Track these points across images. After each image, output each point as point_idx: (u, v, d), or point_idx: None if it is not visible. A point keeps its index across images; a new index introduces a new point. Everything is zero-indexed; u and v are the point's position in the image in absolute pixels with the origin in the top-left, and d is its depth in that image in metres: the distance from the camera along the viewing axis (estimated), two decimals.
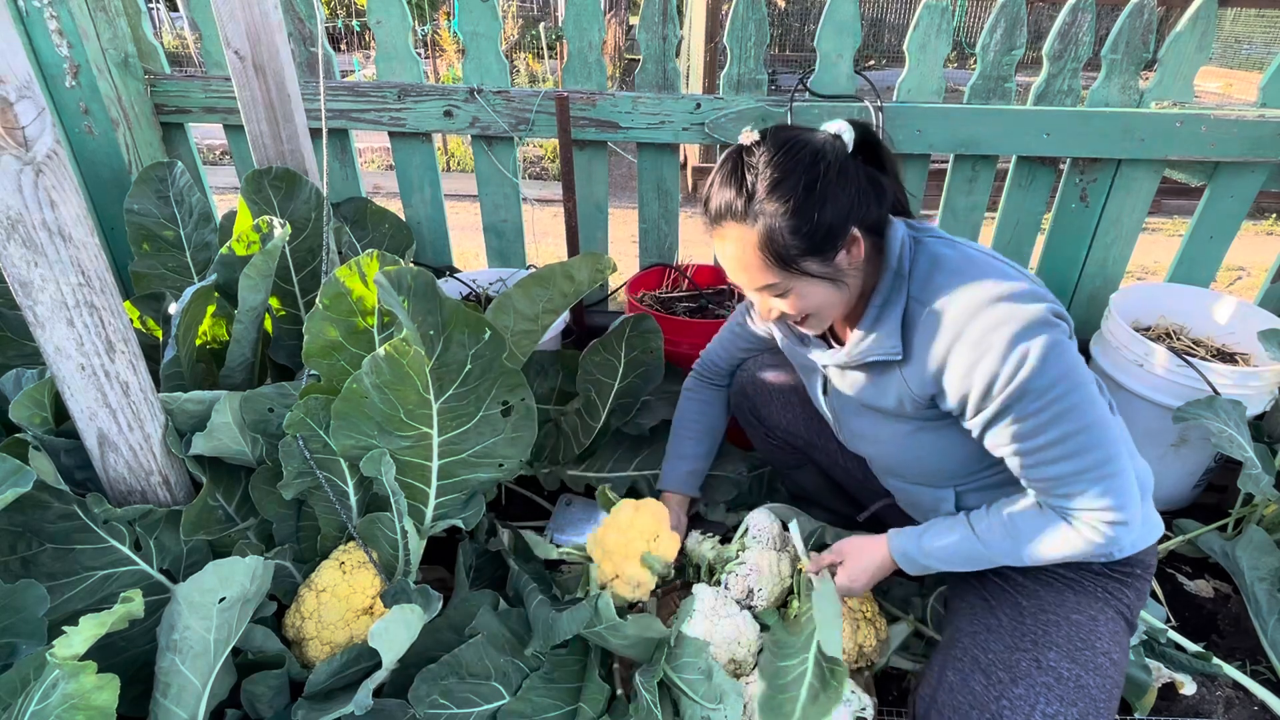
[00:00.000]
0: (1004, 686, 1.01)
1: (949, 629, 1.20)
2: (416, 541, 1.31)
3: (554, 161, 6.16)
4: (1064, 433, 0.95)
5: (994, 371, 0.94)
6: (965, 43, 10.73)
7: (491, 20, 1.88)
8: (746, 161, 0.99)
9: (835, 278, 1.03)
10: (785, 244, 0.97)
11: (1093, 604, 1.10)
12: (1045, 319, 0.93)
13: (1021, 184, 2.00)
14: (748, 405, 1.58)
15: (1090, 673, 1.02)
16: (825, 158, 0.97)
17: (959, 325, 0.97)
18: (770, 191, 0.96)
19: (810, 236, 0.97)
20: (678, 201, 2.11)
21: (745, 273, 1.03)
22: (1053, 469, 0.99)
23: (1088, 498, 0.98)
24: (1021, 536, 1.06)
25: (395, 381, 1.17)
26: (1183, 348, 1.85)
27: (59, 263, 1.02)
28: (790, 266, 0.99)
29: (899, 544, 1.20)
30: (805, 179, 0.95)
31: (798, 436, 1.53)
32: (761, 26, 1.87)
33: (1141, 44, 1.81)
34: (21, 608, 1.00)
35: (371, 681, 1.06)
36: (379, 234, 2.04)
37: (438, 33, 7.55)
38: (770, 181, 0.96)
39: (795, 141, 0.98)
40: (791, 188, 0.95)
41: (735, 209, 0.99)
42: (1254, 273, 4.01)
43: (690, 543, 1.52)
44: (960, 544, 1.12)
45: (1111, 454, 0.97)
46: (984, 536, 1.10)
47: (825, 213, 0.96)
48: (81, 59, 1.79)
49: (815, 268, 1.00)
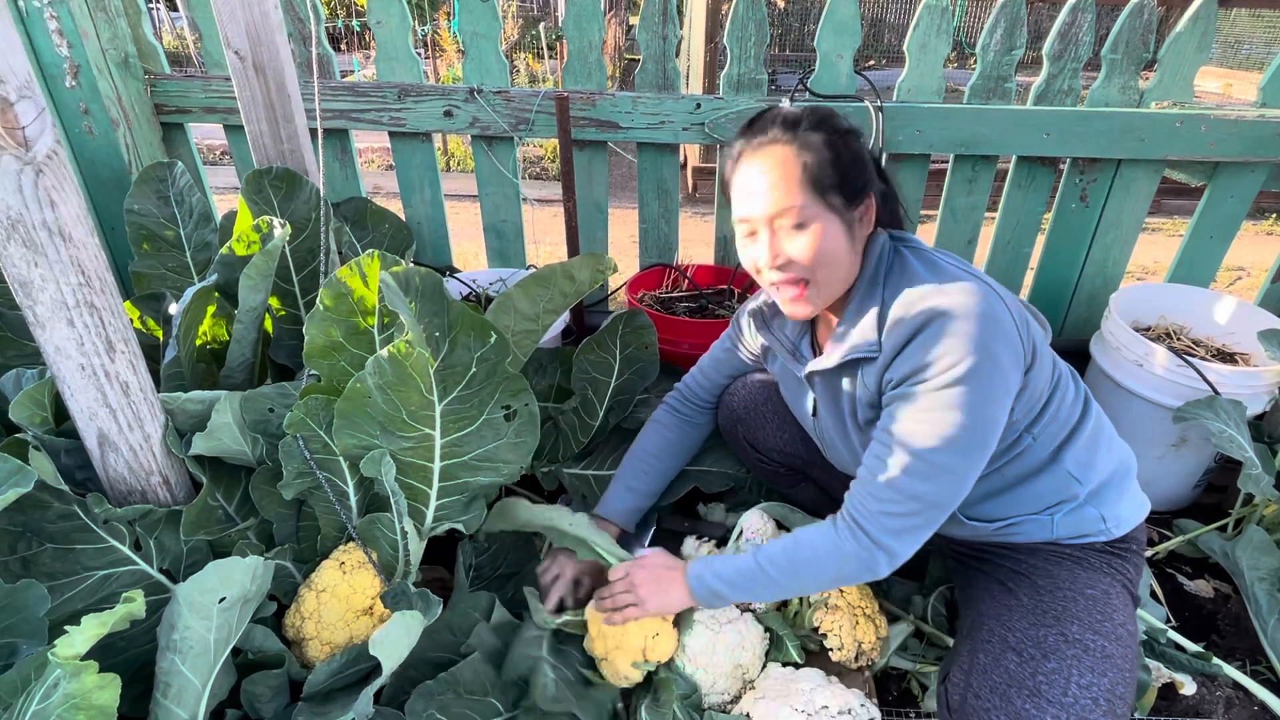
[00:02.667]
0: (1036, 663, 1.03)
1: (969, 615, 1.20)
2: (416, 542, 1.31)
3: (554, 161, 6.16)
4: (911, 451, 0.99)
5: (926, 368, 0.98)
6: (965, 43, 10.73)
7: (491, 20, 1.88)
8: (789, 111, 1.07)
9: (850, 228, 1.06)
10: (821, 170, 1.02)
11: (1102, 578, 1.12)
12: (987, 314, 0.96)
13: (1021, 184, 2.00)
14: (741, 430, 1.52)
15: (1113, 642, 1.04)
16: (855, 132, 1.07)
17: (914, 332, 1.00)
18: (815, 127, 1.04)
19: (844, 173, 1.03)
20: (678, 201, 2.11)
21: (775, 189, 1.03)
22: (893, 461, 1.01)
23: (892, 515, 1.02)
24: (799, 549, 1.10)
25: (399, 382, 1.17)
26: (1183, 348, 1.85)
27: (59, 263, 1.02)
28: (819, 192, 1.03)
29: (693, 566, 1.20)
30: (844, 130, 1.06)
31: (795, 457, 1.50)
32: (761, 26, 1.87)
33: (1141, 44, 1.81)
34: (22, 608, 0.99)
35: (371, 688, 1.06)
36: (379, 234, 2.04)
37: (438, 33, 7.55)
38: (816, 120, 1.05)
39: (833, 111, 1.09)
40: (833, 130, 1.04)
41: (779, 132, 1.05)
42: (1254, 273, 4.01)
43: (687, 550, 1.52)
44: (744, 563, 1.15)
45: (945, 502, 1.01)
46: (766, 556, 1.13)
47: (856, 163, 1.04)
48: (81, 59, 1.79)
49: (839, 204, 1.04)
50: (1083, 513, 1.14)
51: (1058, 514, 1.14)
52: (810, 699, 1.15)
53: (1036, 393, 1.07)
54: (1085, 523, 1.14)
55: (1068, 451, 1.12)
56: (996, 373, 0.96)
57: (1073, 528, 1.14)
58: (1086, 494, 1.13)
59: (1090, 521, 1.14)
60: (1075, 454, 1.12)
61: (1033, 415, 1.09)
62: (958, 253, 2.11)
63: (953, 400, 0.96)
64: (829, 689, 1.17)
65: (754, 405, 1.49)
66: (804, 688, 1.18)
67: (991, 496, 1.16)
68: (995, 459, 1.11)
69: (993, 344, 0.95)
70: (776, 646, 1.31)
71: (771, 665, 1.29)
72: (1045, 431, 1.10)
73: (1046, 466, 1.12)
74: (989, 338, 0.95)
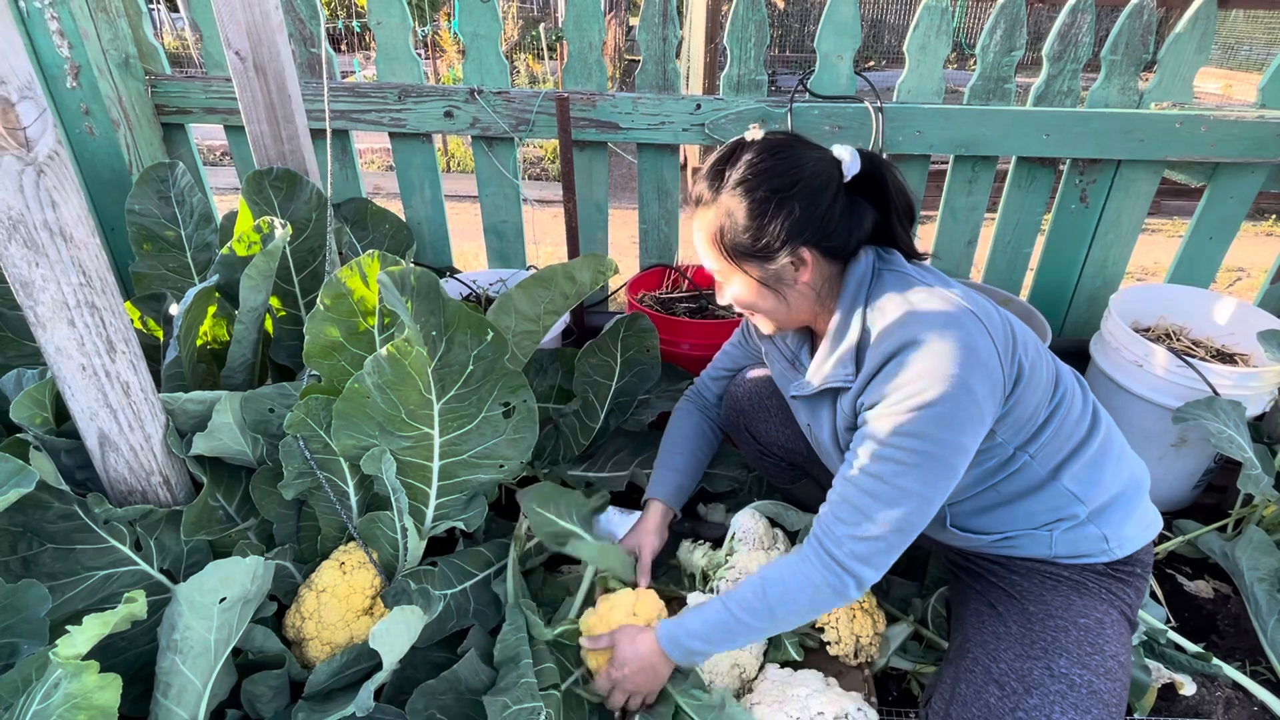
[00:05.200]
0: (1019, 697, 1.01)
1: (957, 638, 1.19)
2: (416, 541, 1.32)
3: (554, 162, 6.16)
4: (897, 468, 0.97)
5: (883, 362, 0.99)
6: (965, 43, 10.73)
7: (492, 21, 1.89)
8: (735, 154, 1.05)
9: (773, 287, 1.07)
10: (731, 238, 1.04)
11: (1098, 606, 1.09)
12: (963, 343, 0.94)
13: (1021, 185, 2.01)
14: (743, 422, 1.52)
15: (1101, 677, 1.02)
16: (803, 175, 1.01)
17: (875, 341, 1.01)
18: (735, 186, 1.02)
19: (753, 239, 1.02)
20: (678, 202, 2.11)
21: (700, 247, 1.10)
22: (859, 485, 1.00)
23: (858, 540, 1.00)
24: (769, 589, 1.07)
25: (397, 382, 1.17)
26: (1182, 348, 1.85)
27: (60, 263, 1.02)
28: (731, 259, 1.06)
29: (664, 629, 1.16)
30: (770, 186, 1.00)
31: (796, 453, 1.49)
32: (761, 27, 1.87)
33: (1141, 45, 1.81)
34: (23, 608, 1.00)
35: (372, 683, 1.06)
36: (379, 234, 2.04)
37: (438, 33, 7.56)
38: (739, 179, 1.02)
39: (783, 150, 1.03)
40: (752, 189, 1.01)
41: (704, 193, 1.06)
42: (1254, 273, 4.01)
43: (681, 553, 1.52)
44: (715, 616, 1.11)
45: (909, 526, 0.99)
46: (737, 602, 1.10)
47: (775, 225, 1.01)
48: (82, 60, 1.79)
49: (753, 269, 1.06)
50: (1083, 531, 1.10)
51: (1056, 531, 1.11)
52: (805, 705, 1.14)
53: (1029, 410, 1.04)
54: (1086, 541, 1.11)
55: (1068, 469, 1.08)
56: (969, 402, 0.94)
57: (1072, 546, 1.11)
58: (1089, 513, 1.09)
59: (1091, 541, 1.10)
60: (1076, 472, 1.09)
61: (1028, 434, 1.06)
62: (958, 253, 2.12)
63: (919, 427, 0.95)
64: (825, 694, 1.16)
65: (758, 398, 1.49)
66: (800, 693, 1.16)
67: (986, 511, 1.14)
68: (990, 476, 1.09)
69: (966, 375, 0.93)
70: (775, 645, 1.31)
71: (769, 665, 1.28)
72: (1044, 450, 1.07)
73: (1045, 484, 1.09)
74: (962, 368, 0.93)
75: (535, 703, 1.07)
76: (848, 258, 1.08)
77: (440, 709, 1.11)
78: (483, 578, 1.39)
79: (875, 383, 1.00)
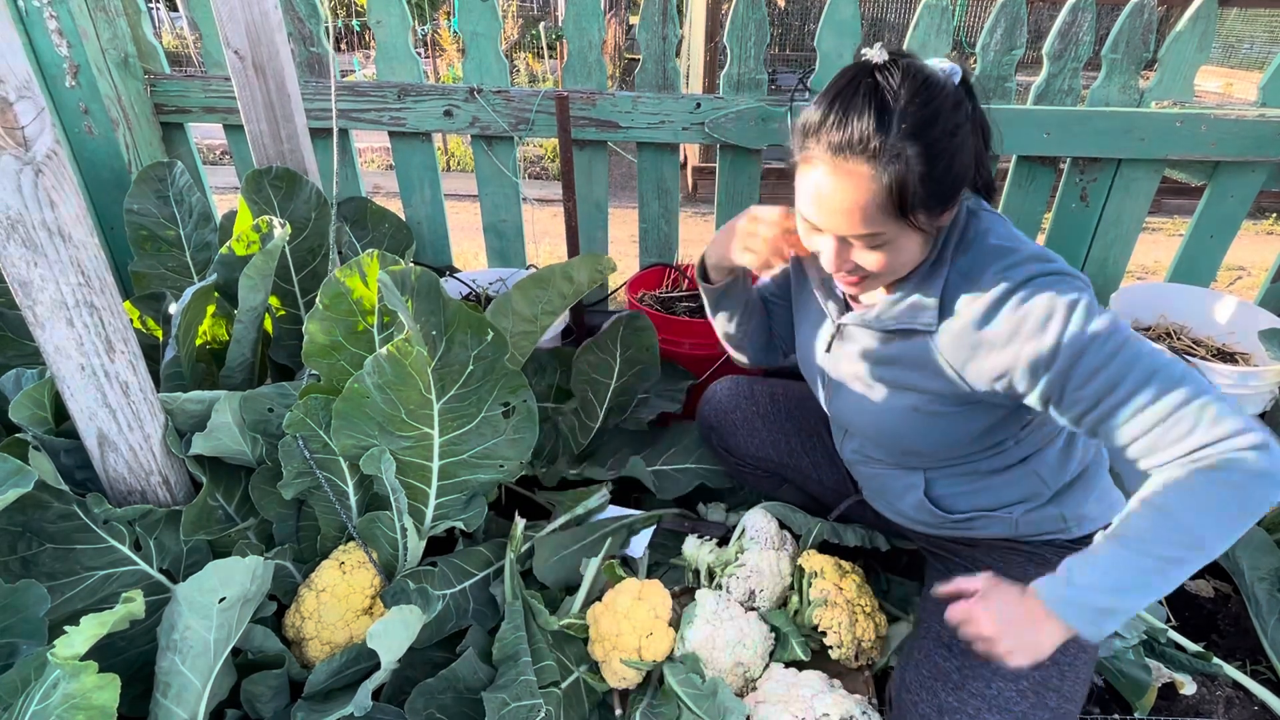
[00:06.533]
0: (965, 656, 1.05)
1: (919, 613, 1.24)
2: (416, 541, 1.32)
3: (554, 161, 6.16)
4: (1144, 373, 0.86)
5: (1042, 337, 0.89)
6: (965, 42, 10.72)
7: (491, 20, 1.88)
8: (884, 86, 0.85)
9: (932, 234, 0.95)
10: (908, 190, 0.86)
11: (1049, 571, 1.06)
12: (1082, 288, 0.91)
13: (1021, 184, 2.00)
14: (715, 439, 1.59)
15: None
16: (963, 104, 0.88)
17: (999, 300, 0.92)
18: (915, 132, 0.84)
19: (938, 186, 0.88)
20: (678, 201, 2.11)
21: (851, 216, 0.89)
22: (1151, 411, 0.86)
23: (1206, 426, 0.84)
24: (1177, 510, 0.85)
25: (397, 381, 1.17)
26: (1183, 347, 1.85)
27: (59, 263, 1.02)
28: (905, 216, 0.89)
29: (1048, 592, 0.90)
30: (949, 124, 0.86)
31: (768, 460, 1.53)
32: (761, 26, 1.87)
33: (1142, 43, 1.81)
34: (22, 608, 0.99)
35: (371, 683, 1.06)
36: (379, 234, 2.04)
37: (438, 32, 7.55)
38: (917, 121, 0.84)
39: (935, 78, 0.87)
40: (938, 132, 0.85)
41: (869, 145, 0.84)
42: (1254, 273, 4.00)
43: (687, 549, 1.52)
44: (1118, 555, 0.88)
45: (1200, 383, 0.86)
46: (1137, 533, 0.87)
47: (956, 164, 0.88)
48: (81, 59, 1.79)
49: (924, 221, 0.90)
50: (1044, 512, 1.14)
51: (1017, 510, 1.15)
52: (811, 705, 1.14)
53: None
54: (1047, 521, 1.15)
55: (1042, 456, 1.13)
56: (1092, 294, 0.91)
57: (1034, 526, 1.15)
58: (1051, 494, 1.14)
59: (1050, 520, 1.15)
60: (1049, 458, 1.13)
61: (1022, 422, 1.10)
62: None
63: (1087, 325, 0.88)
64: (830, 695, 1.16)
65: (723, 414, 1.55)
66: (805, 693, 1.17)
67: (961, 482, 1.17)
68: (974, 455, 1.13)
69: (1082, 286, 0.91)
70: (782, 645, 1.32)
71: (774, 665, 1.28)
72: (1029, 438, 1.12)
73: (1017, 467, 1.13)
74: (1069, 286, 0.90)
75: (535, 700, 1.07)
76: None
77: (439, 708, 1.12)
78: (482, 578, 1.39)
79: (993, 325, 0.93)
